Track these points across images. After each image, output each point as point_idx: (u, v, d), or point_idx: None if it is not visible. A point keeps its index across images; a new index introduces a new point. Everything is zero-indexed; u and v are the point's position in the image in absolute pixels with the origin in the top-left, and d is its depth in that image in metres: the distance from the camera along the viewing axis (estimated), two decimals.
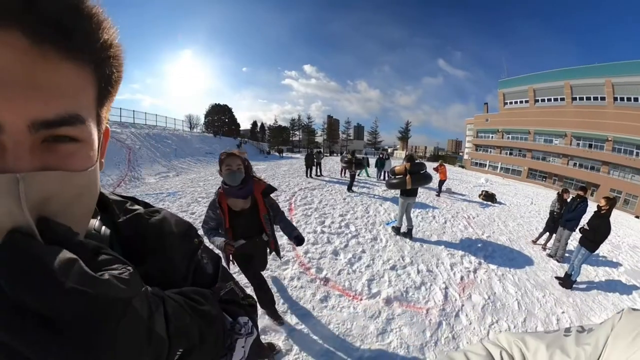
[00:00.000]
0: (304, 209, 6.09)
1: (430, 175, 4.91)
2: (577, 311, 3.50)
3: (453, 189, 11.85)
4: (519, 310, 3.25)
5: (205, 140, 22.45)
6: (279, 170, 12.89)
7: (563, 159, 28.91)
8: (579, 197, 5.00)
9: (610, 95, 24.64)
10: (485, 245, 5.33)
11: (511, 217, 8.35)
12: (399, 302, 3.01)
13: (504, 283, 3.83)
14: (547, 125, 29.89)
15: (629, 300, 4.16)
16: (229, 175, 1.64)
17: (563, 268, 4.74)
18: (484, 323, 2.91)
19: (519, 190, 18.48)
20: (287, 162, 19.10)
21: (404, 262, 3.95)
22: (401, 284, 3.37)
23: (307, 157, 11.42)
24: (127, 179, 9.11)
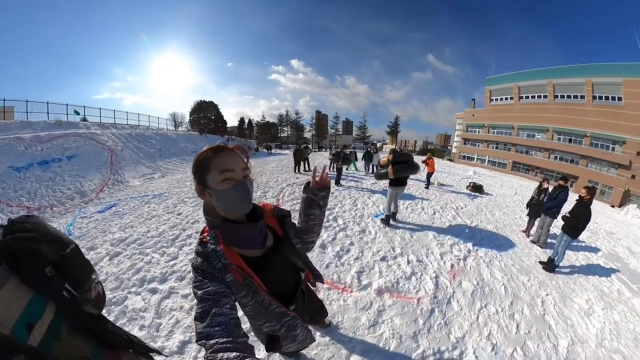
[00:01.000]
0: (291, 204, 6.06)
1: (415, 165, 5.06)
2: (560, 293, 3.69)
3: (442, 181, 12.05)
4: (506, 294, 3.37)
5: (191, 139, 21.84)
6: (267, 167, 12.71)
7: (545, 153, 30.89)
8: (559, 186, 5.31)
9: (590, 94, 26.50)
10: (474, 233, 5.48)
11: (497, 207, 8.62)
12: (390, 293, 3.02)
13: (491, 269, 3.99)
14: (530, 121, 31.81)
15: (607, 281, 4.42)
16: (234, 192, 0.82)
17: (546, 253, 5.00)
18: (474, 308, 3.00)
19: (504, 181, 19.05)
20: (275, 158, 18.83)
21: (394, 253, 3.98)
22: (392, 274, 3.38)
23: (295, 153, 11.31)
24: (110, 182, 8.75)
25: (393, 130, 54.75)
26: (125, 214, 5.44)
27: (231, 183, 0.80)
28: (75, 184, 7.89)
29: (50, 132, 10.95)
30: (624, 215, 14.30)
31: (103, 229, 4.61)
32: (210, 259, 0.82)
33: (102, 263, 3.39)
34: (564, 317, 3.15)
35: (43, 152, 9.18)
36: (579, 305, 3.45)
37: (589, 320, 3.16)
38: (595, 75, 26.24)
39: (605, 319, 3.25)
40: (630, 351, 2.76)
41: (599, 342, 2.80)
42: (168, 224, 4.63)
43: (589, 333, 2.93)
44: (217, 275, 0.81)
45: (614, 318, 3.32)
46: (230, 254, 0.84)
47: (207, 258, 0.82)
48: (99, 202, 6.88)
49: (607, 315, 3.34)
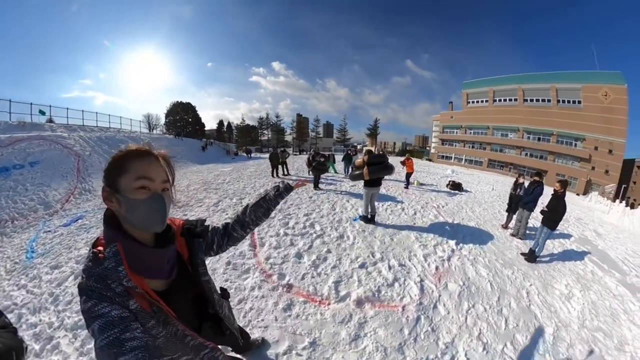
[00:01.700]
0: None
1: (391, 166, 5.12)
2: (542, 281, 3.83)
3: (421, 180, 12.17)
4: (492, 290, 3.36)
5: (167, 143, 20.65)
6: (245, 172, 12.21)
7: (517, 150, 34.75)
8: (535, 182, 5.59)
9: (555, 98, 31.47)
10: (456, 231, 5.44)
11: (477, 203, 8.77)
12: (371, 303, 2.79)
13: (476, 267, 3.94)
14: (503, 122, 35.86)
15: (581, 264, 4.73)
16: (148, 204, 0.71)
17: (526, 244, 5.20)
18: (462, 309, 2.90)
19: (481, 178, 19.76)
20: (255, 162, 18.27)
21: (374, 259, 3.75)
22: (372, 282, 3.16)
23: (271, 157, 10.90)
24: (77, 192, 7.86)
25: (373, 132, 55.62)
26: (92, 227, 4.95)
27: (147, 193, 0.70)
28: (38, 194, 7.02)
29: (12, 135, 9.69)
30: (588, 202, 16.09)
31: (68, 245, 4.17)
32: (108, 280, 0.65)
33: (67, 283, 3.09)
34: (548, 304, 3.26)
35: (3, 157, 8.06)
36: (559, 291, 3.63)
37: (569, 304, 3.32)
38: (558, 82, 31.13)
39: (583, 300, 3.46)
40: (609, 327, 2.98)
41: (580, 324, 2.95)
42: None
43: (571, 316, 3.07)
44: (117, 300, 0.64)
45: (591, 298, 3.56)
46: (134, 276, 0.69)
47: (103, 279, 0.65)
48: (65, 213, 6.16)
49: (585, 297, 3.56)
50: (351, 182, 9.31)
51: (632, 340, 2.79)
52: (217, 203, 6.25)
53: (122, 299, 0.65)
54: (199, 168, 15.17)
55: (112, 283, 0.65)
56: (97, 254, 0.68)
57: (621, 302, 3.61)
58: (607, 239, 7.09)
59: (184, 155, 19.33)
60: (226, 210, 5.72)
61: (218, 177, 10.45)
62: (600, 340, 2.73)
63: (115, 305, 0.63)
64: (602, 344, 2.68)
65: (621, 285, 4.10)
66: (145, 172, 0.70)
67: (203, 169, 14.31)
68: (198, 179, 10.27)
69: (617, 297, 3.74)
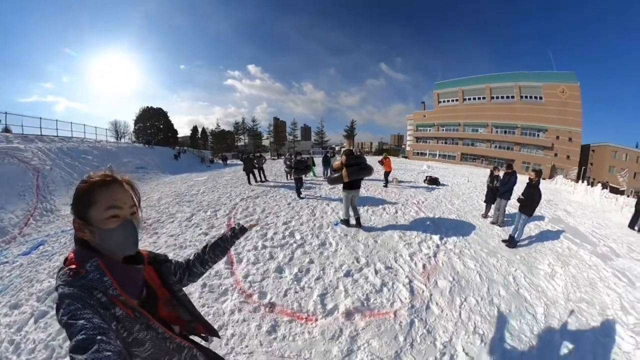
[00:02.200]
0: (244, 223, 5.37)
1: (369, 167, 5.01)
2: (526, 264, 4.02)
3: (399, 177, 12.33)
4: (482, 281, 3.41)
5: (136, 152, 19.04)
6: (221, 181, 11.61)
7: (487, 143, 37.94)
8: (508, 173, 5.90)
9: (518, 95, 35.51)
10: (439, 226, 5.46)
11: (455, 196, 8.99)
12: (361, 313, 2.63)
13: (463, 260, 3.97)
14: (473, 118, 39.01)
15: (558, 242, 5.07)
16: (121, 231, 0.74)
17: (505, 231, 5.44)
18: (455, 305, 2.87)
19: (456, 171, 20.55)
20: (231, 170, 17.51)
21: (359, 265, 3.60)
22: (359, 290, 3.00)
23: (245, 163, 10.39)
24: (37, 213, 6.87)
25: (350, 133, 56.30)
26: (55, 254, 4.29)
27: (118, 221, 0.74)
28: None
29: None
30: (555, 184, 17.42)
31: (29, 278, 3.57)
32: (93, 290, 0.68)
33: (27, 327, 2.59)
34: (535, 285, 3.41)
35: None
36: (543, 270, 3.83)
37: (554, 282, 3.53)
38: (521, 80, 35.26)
39: (565, 275, 3.72)
40: (589, 295, 3.27)
41: (566, 298, 3.17)
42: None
43: (557, 293, 3.27)
44: (100, 312, 0.66)
45: (571, 272, 3.85)
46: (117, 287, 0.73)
47: (87, 289, 0.68)
48: (24, 240, 5.22)
49: (566, 272, 3.83)
50: (330, 185, 9.16)
51: (611, 304, 3.08)
52: (191, 217, 5.79)
53: (106, 309, 0.68)
54: (171, 179, 14.28)
55: (97, 293, 0.68)
56: (77, 270, 0.69)
57: (596, 271, 3.97)
58: (576, 216, 7.77)
59: (155, 165, 18.12)
60: (200, 224, 5.28)
61: (192, 188, 9.82)
62: (585, 310, 2.95)
63: (97, 315, 0.64)
64: (587, 313, 2.90)
65: (594, 255, 4.53)
66: (113, 202, 0.73)
67: (176, 180, 13.48)
68: (170, 190, 9.60)
69: (592, 267, 4.10)
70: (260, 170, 10.91)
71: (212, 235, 4.57)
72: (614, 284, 3.56)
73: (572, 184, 15.38)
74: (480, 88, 38.66)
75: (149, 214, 6.14)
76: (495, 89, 37.39)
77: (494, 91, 37.57)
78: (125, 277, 0.77)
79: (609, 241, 5.48)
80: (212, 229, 5.00)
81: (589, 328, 2.68)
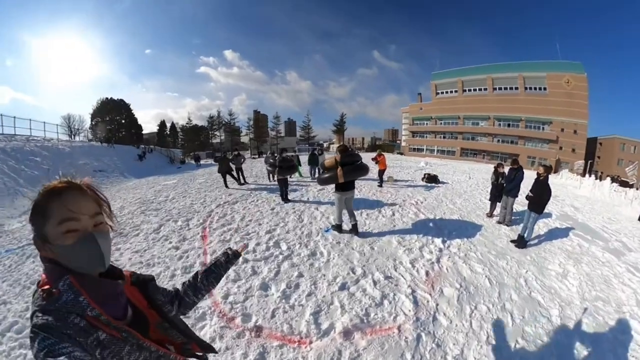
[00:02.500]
0: (221, 233, 5.15)
1: (366, 166, 4.98)
2: (536, 265, 4.15)
3: (395, 176, 12.44)
4: (492, 286, 3.47)
5: (93, 152, 18.22)
6: (194, 185, 11.28)
7: (489, 137, 39.28)
8: (513, 169, 6.03)
9: (522, 86, 37.09)
10: (440, 228, 5.51)
11: (457, 194, 9.16)
12: (361, 331, 2.57)
13: (469, 263, 4.03)
14: (473, 111, 40.31)
15: (568, 240, 5.30)
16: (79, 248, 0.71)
17: (513, 231, 5.58)
18: (464, 315, 2.87)
19: (456, 168, 21.04)
20: (205, 171, 17.10)
21: (355, 276, 3.55)
22: (357, 305, 2.94)
23: (220, 163, 10.07)
24: None
25: (339, 128, 56.62)
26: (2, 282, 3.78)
27: (75, 236, 0.71)
28: None
29: None
30: (560, 179, 18.19)
31: None
32: (69, 316, 0.66)
33: None
34: (547, 287, 3.52)
35: None
36: (554, 271, 3.98)
37: (567, 282, 3.67)
38: (525, 71, 36.77)
39: (578, 274, 3.88)
40: (605, 293, 3.43)
41: (581, 298, 3.31)
42: None
43: (571, 293, 3.41)
44: (79, 341, 0.64)
45: (584, 270, 4.02)
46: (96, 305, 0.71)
47: (62, 315, 0.65)
48: None
49: (579, 270, 4.01)
50: (319, 187, 9.08)
51: (627, 300, 3.26)
52: (159, 228, 5.49)
53: (85, 336, 0.66)
54: (136, 183, 13.81)
55: (74, 318, 0.67)
56: (49, 291, 0.68)
57: (610, 267, 4.18)
58: (584, 211, 8.15)
59: (117, 168, 17.50)
60: (169, 237, 5.02)
61: (160, 194, 9.48)
62: (601, 309, 3.09)
63: (77, 346, 0.63)
64: (603, 312, 3.04)
65: (606, 251, 4.76)
66: (65, 214, 0.71)
67: (141, 184, 13.04)
68: (134, 197, 9.22)
69: (606, 263, 4.32)
70: (239, 171, 10.71)
71: (184, 250, 4.40)
72: (628, 280, 3.78)
73: (579, 178, 16.10)
74: (482, 79, 39.98)
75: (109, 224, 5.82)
76: (498, 79, 38.81)
77: (496, 82, 39.01)
78: (104, 294, 0.76)
79: (621, 236, 5.82)
80: (183, 242, 4.75)
81: (607, 327, 2.81)
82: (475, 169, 20.48)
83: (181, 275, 3.58)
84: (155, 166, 21.79)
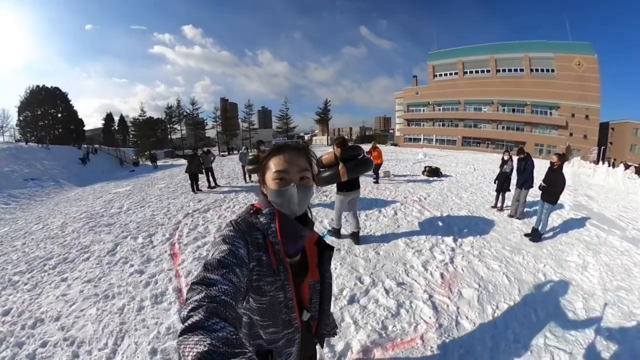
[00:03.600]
0: (194, 249, 4.92)
1: (370, 160, 5.01)
2: (554, 258, 4.51)
3: (392, 171, 12.76)
4: (510, 283, 3.76)
5: (22, 156, 17.17)
6: (152, 191, 10.87)
7: (493, 124, 40.69)
8: (521, 158, 6.48)
9: (528, 68, 38.52)
10: (449, 225, 5.78)
11: (462, 188, 9.55)
12: (381, 347, 2.66)
13: (485, 261, 4.30)
14: (475, 95, 41.62)
15: (585, 230, 5.78)
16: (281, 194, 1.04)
17: (526, 224, 6.00)
18: (487, 315, 3.11)
19: (458, 158, 21.78)
20: (165, 174, 16.65)
21: (363, 286, 3.62)
22: (372, 319, 3.02)
23: (189, 162, 9.95)
24: None
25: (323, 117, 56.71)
26: None
27: (281, 184, 1.04)
28: None
29: None
30: (571, 167, 19.28)
31: None
32: (254, 231, 1.01)
33: None
34: (568, 279, 3.89)
35: None
36: (574, 262, 4.36)
37: (587, 273, 4.05)
38: (531, 51, 38.20)
39: (598, 265, 4.26)
40: (626, 283, 3.80)
41: (603, 288, 3.65)
42: None
43: (593, 284, 3.76)
44: (249, 249, 0.94)
45: (603, 261, 4.42)
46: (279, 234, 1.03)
47: (252, 227, 1.01)
48: None
49: (599, 261, 4.40)
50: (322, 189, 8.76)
51: None
52: (114, 249, 5.13)
53: (257, 249, 0.97)
54: (79, 193, 13.20)
55: (258, 234, 1.00)
56: (257, 210, 1.08)
57: (629, 256, 4.63)
58: (599, 200, 8.83)
59: (54, 174, 16.56)
60: (129, 258, 4.70)
61: (111, 205, 9.01)
62: (624, 298, 3.45)
63: (246, 249, 0.92)
64: (627, 301, 3.39)
65: (624, 240, 5.25)
66: (279, 166, 1.04)
67: (86, 194, 12.48)
68: (79, 211, 8.71)
69: (625, 252, 4.76)
70: (209, 171, 10.56)
71: (151, 274, 4.10)
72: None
73: (592, 166, 17.09)
74: (484, 59, 41.11)
75: (49, 249, 5.38)
76: (502, 60, 40.06)
77: (499, 63, 40.25)
78: (289, 231, 1.03)
79: (638, 224, 6.43)
80: (148, 264, 4.42)
81: (632, 316, 3.14)
82: (480, 160, 21.26)
83: (151, 307, 3.30)
84: (102, 170, 20.97)
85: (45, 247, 5.47)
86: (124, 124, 52.79)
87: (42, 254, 5.14)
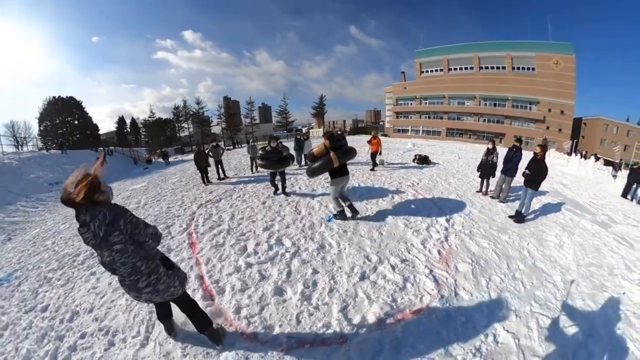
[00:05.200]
0: (211, 237, 4.82)
1: (353, 149, 5.13)
2: (536, 237, 4.75)
3: (385, 159, 12.70)
4: (499, 258, 3.95)
5: (46, 162, 16.72)
6: (166, 185, 10.68)
7: (475, 117, 40.92)
8: (514, 147, 6.56)
9: (509, 66, 38.53)
10: (441, 208, 5.91)
11: (450, 174, 9.70)
12: (393, 317, 2.75)
13: (475, 240, 4.46)
14: (459, 90, 41.69)
15: (561, 214, 6.00)
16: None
17: (509, 207, 6.20)
18: (482, 286, 3.28)
19: (444, 148, 21.81)
20: (177, 169, 16.37)
21: (371, 263, 3.69)
22: (383, 293, 3.11)
23: (197, 157, 9.74)
24: None
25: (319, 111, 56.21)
26: None
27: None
28: None
29: None
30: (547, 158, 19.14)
31: None
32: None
33: None
34: (547, 256, 4.11)
35: None
36: (552, 242, 4.60)
37: (564, 251, 4.29)
38: (514, 50, 38.23)
39: (572, 244, 4.51)
40: (597, 260, 4.09)
41: (577, 264, 3.92)
42: (31, 336, 2.88)
43: (568, 260, 4.01)
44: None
45: (577, 241, 4.68)
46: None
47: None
48: None
49: (573, 241, 4.66)
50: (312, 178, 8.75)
51: (617, 265, 3.95)
52: None
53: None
54: None
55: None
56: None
57: (599, 237, 4.91)
58: (572, 188, 9.04)
59: None
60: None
61: (129, 200, 8.85)
62: (595, 272, 3.73)
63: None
64: (597, 275, 3.67)
65: (595, 224, 5.56)
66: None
67: None
68: None
69: (595, 234, 5.04)
70: (219, 164, 10.50)
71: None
72: (616, 248, 4.49)
73: (565, 157, 17.32)
74: (468, 57, 41.04)
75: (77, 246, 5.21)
76: (485, 58, 40.03)
77: (483, 61, 40.22)
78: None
79: (606, 210, 6.65)
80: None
81: (603, 287, 3.38)
82: (463, 149, 21.38)
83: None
84: (118, 170, 20.59)
85: (73, 245, 5.45)
86: (135, 126, 52.26)
87: (71, 250, 5.13)
